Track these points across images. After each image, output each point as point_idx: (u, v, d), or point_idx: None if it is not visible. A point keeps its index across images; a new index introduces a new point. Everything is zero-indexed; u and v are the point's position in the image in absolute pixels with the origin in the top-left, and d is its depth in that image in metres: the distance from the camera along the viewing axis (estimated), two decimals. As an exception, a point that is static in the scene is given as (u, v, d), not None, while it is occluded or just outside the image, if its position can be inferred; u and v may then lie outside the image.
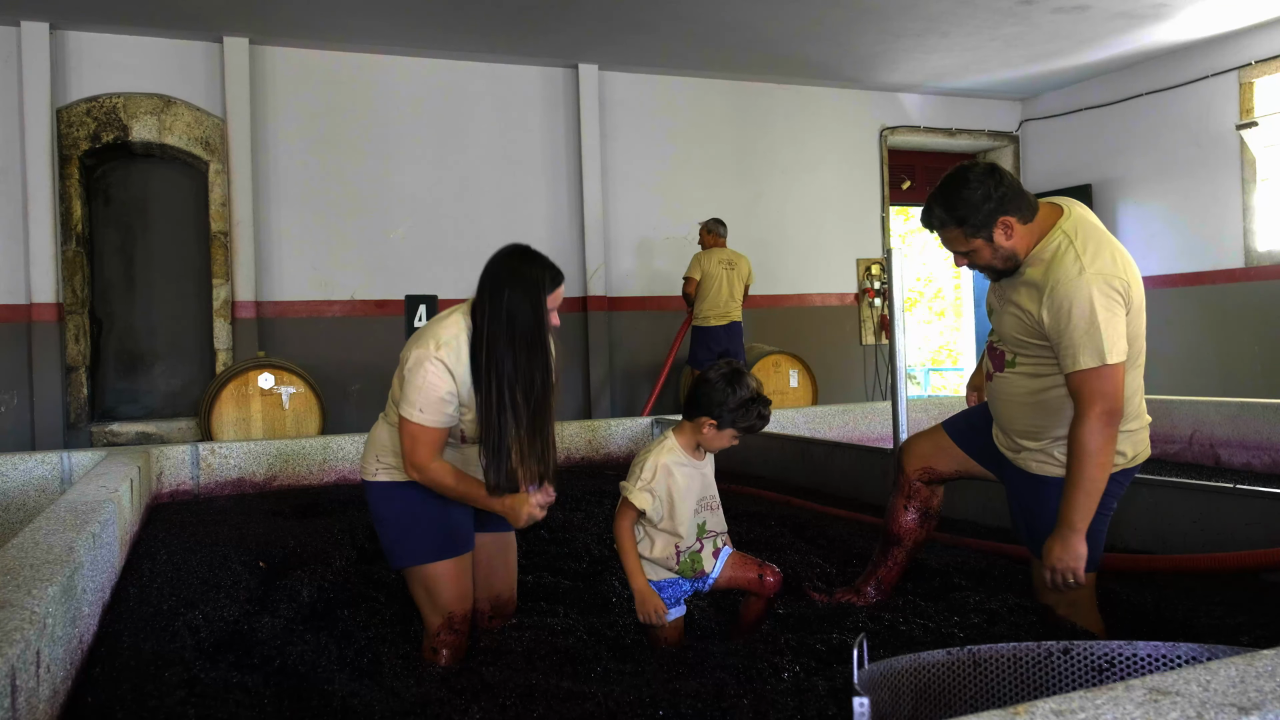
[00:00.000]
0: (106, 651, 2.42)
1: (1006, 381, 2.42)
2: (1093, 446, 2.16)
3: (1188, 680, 1.08)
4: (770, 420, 2.38)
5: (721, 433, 2.34)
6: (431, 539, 2.43)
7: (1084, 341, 2.16)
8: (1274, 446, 5.28)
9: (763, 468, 5.33)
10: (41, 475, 4.67)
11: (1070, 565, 2.18)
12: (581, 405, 8.17)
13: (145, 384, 7.36)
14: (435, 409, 2.30)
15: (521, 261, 2.35)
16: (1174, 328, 8.45)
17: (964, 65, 8.51)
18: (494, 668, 2.23)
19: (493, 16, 6.92)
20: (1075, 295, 2.17)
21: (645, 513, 2.32)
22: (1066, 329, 2.18)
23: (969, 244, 2.32)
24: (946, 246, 2.40)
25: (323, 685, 2.21)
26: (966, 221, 2.28)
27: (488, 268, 2.37)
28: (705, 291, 7.08)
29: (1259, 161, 7.75)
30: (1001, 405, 2.47)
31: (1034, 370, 2.35)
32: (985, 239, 2.29)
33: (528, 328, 2.31)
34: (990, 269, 2.37)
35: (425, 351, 2.30)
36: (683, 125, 8.59)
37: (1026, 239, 2.30)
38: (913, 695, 1.64)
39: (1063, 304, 2.18)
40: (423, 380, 2.29)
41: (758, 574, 2.42)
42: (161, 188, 7.40)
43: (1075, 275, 2.18)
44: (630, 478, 2.36)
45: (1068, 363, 2.19)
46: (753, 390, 2.32)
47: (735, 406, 2.30)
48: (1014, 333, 2.35)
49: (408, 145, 7.70)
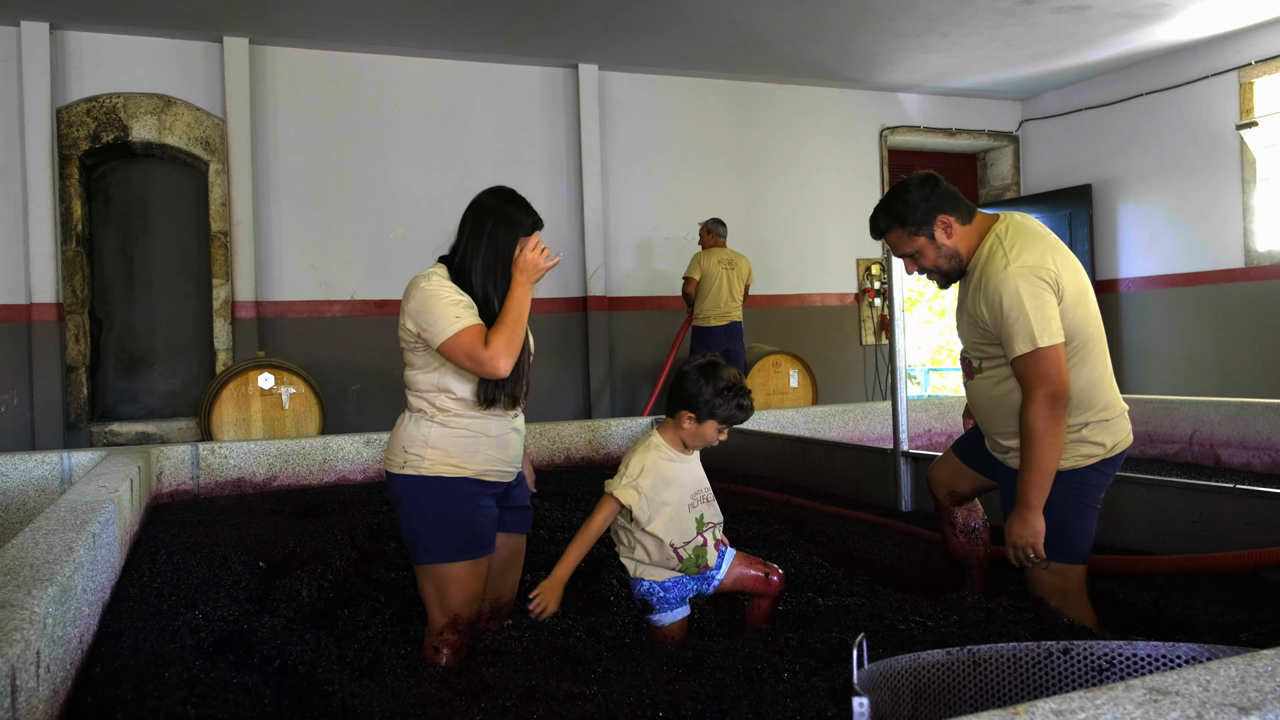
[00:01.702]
0: (106, 651, 2.42)
1: (978, 388, 2.53)
2: (1039, 427, 2.27)
3: (1188, 680, 1.08)
4: (754, 411, 2.39)
5: (702, 426, 2.32)
6: (453, 538, 2.41)
7: (1016, 329, 2.29)
8: (1274, 446, 5.28)
9: (763, 468, 5.33)
10: (41, 475, 4.67)
11: (1030, 540, 2.29)
12: (581, 405, 8.17)
13: (145, 384, 7.36)
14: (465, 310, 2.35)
15: (505, 200, 2.48)
16: (1174, 328, 8.45)
17: (964, 65, 8.51)
18: (494, 668, 2.23)
19: (493, 16, 6.92)
20: (1003, 287, 2.31)
21: (632, 512, 2.30)
22: (1001, 321, 2.32)
23: (913, 243, 2.48)
24: (895, 252, 2.54)
25: (323, 685, 2.21)
26: (907, 220, 2.46)
27: (472, 202, 2.51)
28: (705, 291, 7.08)
29: (1259, 161, 7.75)
30: (979, 411, 2.57)
31: (999, 374, 2.45)
32: (927, 237, 2.45)
33: (506, 258, 2.43)
34: (937, 271, 2.51)
35: (418, 285, 2.40)
36: (683, 125, 8.59)
37: (968, 239, 2.46)
38: (912, 695, 1.64)
39: (994, 298, 2.33)
40: (435, 301, 2.35)
41: (763, 573, 2.43)
42: (161, 188, 7.40)
43: (1002, 269, 2.33)
44: (616, 475, 2.34)
45: (1009, 352, 2.32)
46: (729, 380, 2.31)
47: (711, 396, 2.29)
48: (972, 338, 2.48)
49: (408, 145, 7.70)
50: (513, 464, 2.51)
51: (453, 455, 2.40)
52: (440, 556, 2.40)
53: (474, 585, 2.44)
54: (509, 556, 2.64)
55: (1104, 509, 3.44)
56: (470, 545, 2.42)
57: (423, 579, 2.45)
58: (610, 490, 2.32)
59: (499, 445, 2.46)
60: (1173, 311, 8.47)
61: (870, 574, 3.17)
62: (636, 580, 2.39)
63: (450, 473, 2.40)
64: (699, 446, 2.39)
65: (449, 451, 2.40)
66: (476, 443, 2.42)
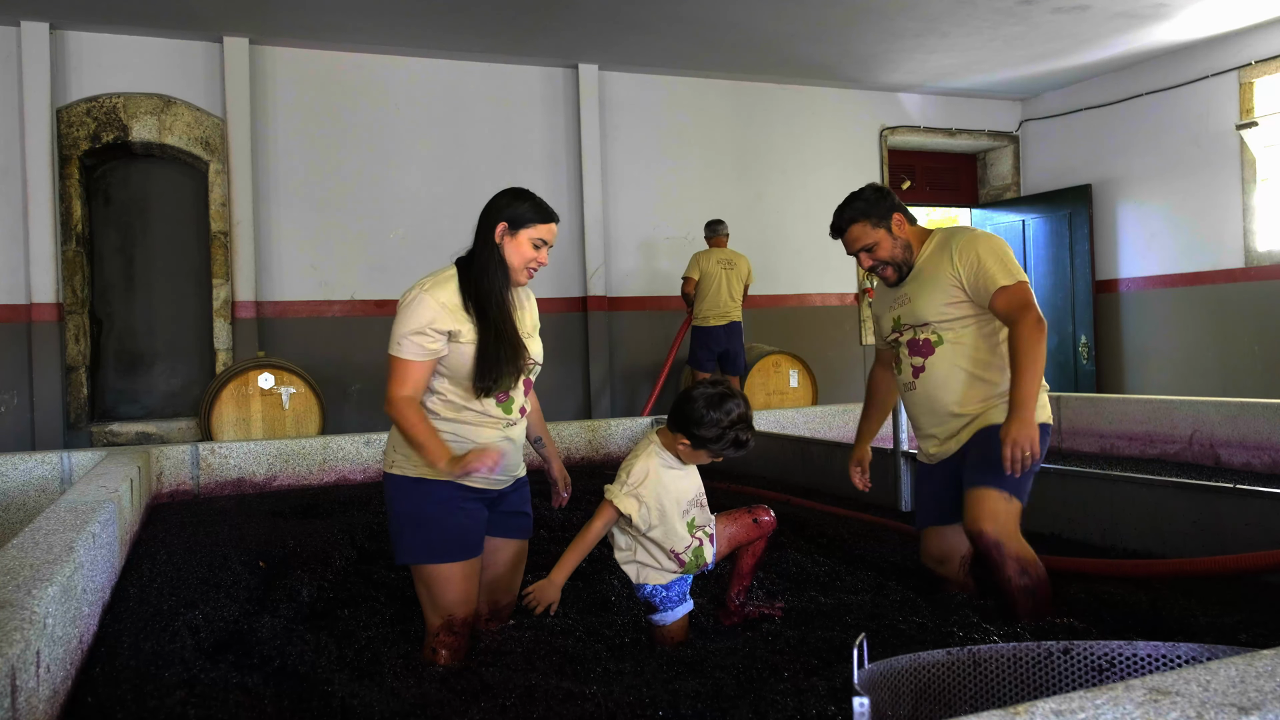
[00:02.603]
0: (106, 651, 2.42)
1: (940, 363, 2.75)
2: (1033, 340, 2.53)
3: (1188, 680, 1.07)
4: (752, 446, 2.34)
5: (696, 452, 2.32)
6: (436, 539, 2.41)
7: (997, 268, 2.63)
8: (1274, 446, 5.28)
9: (763, 468, 5.33)
10: (41, 475, 4.67)
11: (1030, 436, 2.48)
12: (581, 405, 8.17)
13: (145, 384, 7.36)
14: (414, 343, 2.36)
15: (512, 198, 2.49)
16: (1174, 328, 8.45)
17: (964, 65, 8.51)
18: (494, 668, 2.23)
19: (493, 16, 6.92)
20: (976, 243, 2.69)
21: (631, 519, 2.29)
22: (980, 267, 2.65)
23: (875, 234, 2.79)
24: (854, 246, 2.83)
25: (323, 685, 2.21)
26: (870, 214, 2.79)
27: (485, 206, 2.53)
28: (704, 291, 7.08)
29: (1259, 161, 7.75)
30: (938, 392, 2.75)
31: (963, 336, 2.73)
32: (886, 229, 2.79)
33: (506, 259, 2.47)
34: (892, 261, 2.81)
35: (408, 293, 2.42)
36: (683, 125, 8.59)
37: (917, 237, 2.84)
38: (913, 695, 1.64)
39: (968, 252, 2.68)
40: (406, 314, 2.38)
41: (751, 519, 2.43)
42: (161, 188, 7.40)
43: (969, 235, 2.73)
44: (616, 481, 2.33)
45: (992, 287, 2.62)
46: (735, 417, 2.27)
47: (711, 434, 2.27)
48: (939, 306, 2.73)
49: (408, 145, 7.70)
50: (504, 473, 2.50)
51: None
52: (417, 557, 2.42)
53: (464, 586, 2.43)
54: (508, 561, 2.63)
55: (1104, 509, 3.45)
56: (450, 548, 2.42)
57: (416, 580, 2.47)
58: (610, 498, 2.30)
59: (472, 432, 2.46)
60: (1173, 311, 8.46)
61: (870, 574, 3.17)
62: (639, 585, 2.39)
63: (433, 475, 2.40)
64: (688, 465, 2.39)
65: None
66: (461, 449, 2.41)
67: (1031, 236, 9.69)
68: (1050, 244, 9.51)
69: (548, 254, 2.52)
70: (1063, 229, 9.34)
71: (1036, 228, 9.64)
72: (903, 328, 2.83)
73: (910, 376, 2.81)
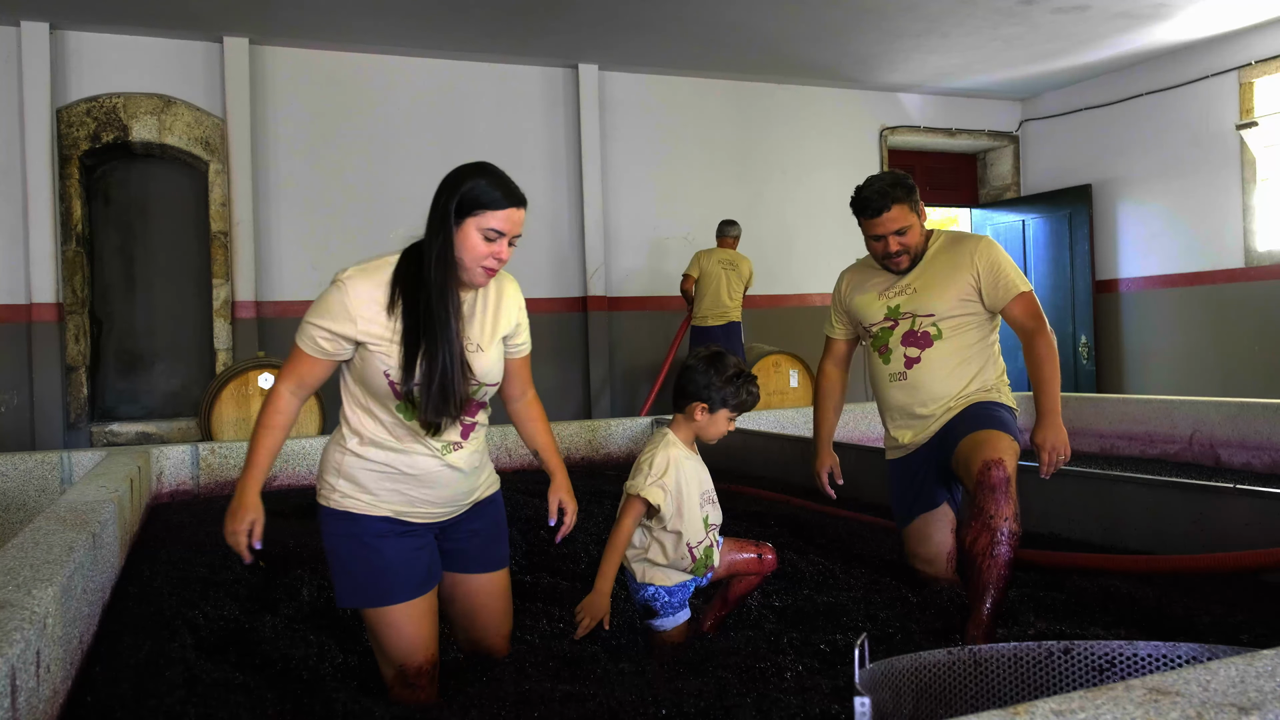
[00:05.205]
0: (106, 651, 2.42)
1: (937, 356, 2.83)
2: (1052, 352, 2.72)
3: (1188, 680, 1.07)
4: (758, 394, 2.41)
5: (715, 416, 2.33)
6: (372, 581, 2.05)
7: (1014, 274, 2.81)
8: (1274, 446, 5.28)
9: (763, 468, 5.33)
10: (41, 475, 4.67)
11: (1064, 440, 2.64)
12: (581, 405, 8.17)
13: (145, 384, 7.36)
14: (312, 336, 2.05)
15: (469, 174, 2.03)
16: (1174, 328, 8.45)
17: (964, 65, 8.51)
18: (493, 670, 2.22)
19: (493, 16, 6.92)
20: (991, 249, 2.86)
21: (658, 510, 2.25)
22: (1001, 271, 2.80)
23: (911, 218, 2.85)
24: (892, 226, 2.84)
25: (323, 685, 2.21)
26: (910, 199, 2.86)
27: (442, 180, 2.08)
28: (703, 291, 7.08)
29: (1259, 161, 7.75)
30: (934, 384, 2.84)
31: (963, 332, 2.84)
32: (918, 215, 2.89)
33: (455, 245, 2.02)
34: (912, 250, 2.88)
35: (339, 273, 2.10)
36: (683, 125, 8.59)
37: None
38: (914, 695, 1.64)
39: (988, 255, 2.83)
40: (317, 301, 2.09)
41: (756, 553, 2.43)
42: (161, 188, 7.40)
43: (985, 239, 2.90)
44: (638, 475, 2.28)
45: (1013, 291, 2.79)
46: (735, 367, 2.34)
47: (722, 385, 2.32)
48: (952, 300, 2.83)
49: (408, 145, 7.70)
50: (449, 504, 2.14)
51: (364, 490, 2.07)
52: (355, 600, 2.07)
53: (413, 630, 2.06)
54: (478, 595, 2.24)
55: (1104, 509, 3.45)
56: (390, 589, 2.04)
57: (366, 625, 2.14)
58: (635, 491, 2.24)
59: (423, 484, 2.08)
60: (1173, 311, 8.46)
61: (871, 573, 3.17)
62: (642, 585, 2.34)
63: (360, 509, 2.06)
64: (713, 439, 2.37)
65: (360, 485, 2.07)
66: (390, 479, 2.06)
67: (1031, 236, 9.69)
68: (1050, 244, 9.51)
69: (507, 247, 2.01)
70: (1063, 229, 9.34)
71: (1036, 228, 9.64)
72: (901, 316, 2.88)
73: (901, 367, 2.87)
